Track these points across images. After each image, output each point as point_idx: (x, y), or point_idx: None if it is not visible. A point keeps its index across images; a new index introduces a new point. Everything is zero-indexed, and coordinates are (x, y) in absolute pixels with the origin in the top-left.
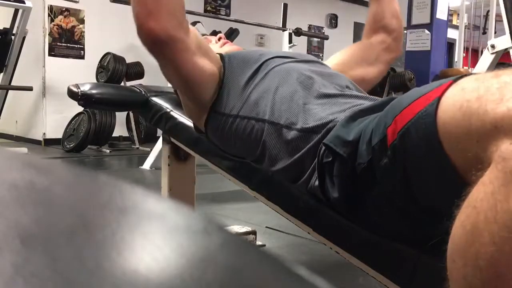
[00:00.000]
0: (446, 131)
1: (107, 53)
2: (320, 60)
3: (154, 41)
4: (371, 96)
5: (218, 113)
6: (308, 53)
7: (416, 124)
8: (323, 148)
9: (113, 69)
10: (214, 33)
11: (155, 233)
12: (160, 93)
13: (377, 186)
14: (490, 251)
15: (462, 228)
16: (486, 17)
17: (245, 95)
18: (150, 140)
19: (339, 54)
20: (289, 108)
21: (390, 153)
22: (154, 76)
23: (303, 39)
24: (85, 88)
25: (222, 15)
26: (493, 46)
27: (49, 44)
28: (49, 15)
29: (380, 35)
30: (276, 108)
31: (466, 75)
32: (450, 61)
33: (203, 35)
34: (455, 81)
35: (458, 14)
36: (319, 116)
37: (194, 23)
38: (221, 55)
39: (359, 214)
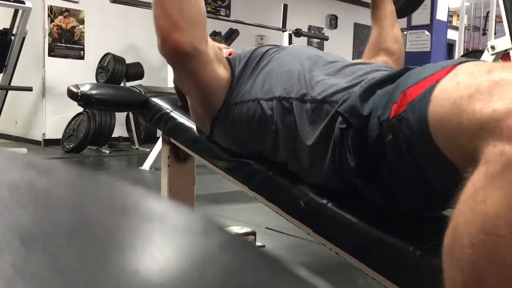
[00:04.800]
0: (439, 126)
1: (107, 54)
2: None
3: (178, 53)
4: (383, 65)
5: (226, 104)
6: None
7: (413, 109)
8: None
9: (113, 69)
10: (214, 33)
11: (155, 233)
12: (159, 93)
13: (386, 158)
14: (469, 253)
15: (449, 230)
16: (486, 18)
17: (251, 81)
18: (150, 140)
19: None
20: (298, 80)
21: (391, 131)
22: (153, 76)
23: (303, 39)
24: (85, 88)
25: (222, 15)
26: (493, 47)
27: (49, 44)
28: (49, 15)
29: (381, 57)
30: (285, 83)
31: (467, 61)
32: None
33: None
34: (457, 64)
35: (458, 15)
36: (331, 84)
37: None
38: (227, 59)
39: (375, 185)
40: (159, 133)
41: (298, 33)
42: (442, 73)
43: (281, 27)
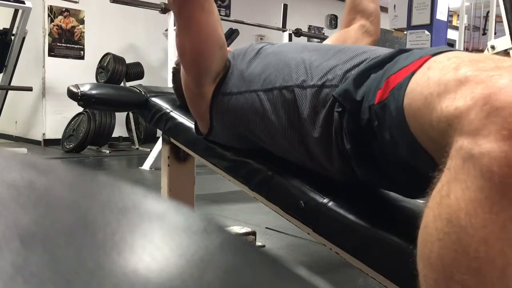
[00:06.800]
0: (414, 119)
1: (107, 54)
2: None
3: None
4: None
5: (223, 94)
6: None
7: (393, 97)
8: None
9: (113, 69)
10: None
11: (155, 233)
12: (159, 93)
13: (378, 141)
14: (437, 248)
15: (420, 229)
16: (486, 18)
17: (247, 72)
18: (150, 140)
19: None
20: (297, 67)
21: (376, 116)
22: (154, 76)
23: (303, 39)
24: (85, 88)
25: (222, 15)
26: (493, 47)
27: (49, 44)
28: (49, 15)
29: (358, 21)
30: (284, 72)
31: (442, 52)
32: None
33: None
34: (433, 55)
35: (458, 15)
36: (330, 67)
37: None
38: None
39: (371, 167)
40: (159, 133)
41: (298, 33)
42: (417, 64)
43: (281, 27)
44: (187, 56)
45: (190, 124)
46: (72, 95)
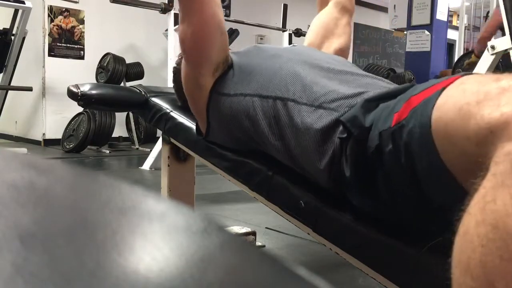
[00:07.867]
0: (444, 132)
1: (107, 54)
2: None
3: None
4: (382, 79)
5: (220, 93)
6: None
7: (416, 114)
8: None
9: (113, 69)
10: None
11: (155, 233)
12: (159, 93)
13: (384, 170)
14: (479, 255)
15: (458, 236)
16: (486, 18)
17: (245, 75)
18: (150, 140)
19: (307, 38)
20: (294, 82)
21: (391, 139)
22: (154, 76)
23: (303, 39)
24: (85, 88)
25: None
26: (493, 47)
27: (49, 44)
28: (49, 15)
29: None
30: (281, 83)
31: (472, 74)
32: (450, 62)
33: None
34: (463, 75)
35: (458, 15)
36: (330, 90)
37: None
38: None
39: (368, 195)
40: (159, 133)
41: (298, 33)
42: (447, 82)
43: (281, 27)
44: (188, 42)
45: (190, 124)
46: (72, 95)
